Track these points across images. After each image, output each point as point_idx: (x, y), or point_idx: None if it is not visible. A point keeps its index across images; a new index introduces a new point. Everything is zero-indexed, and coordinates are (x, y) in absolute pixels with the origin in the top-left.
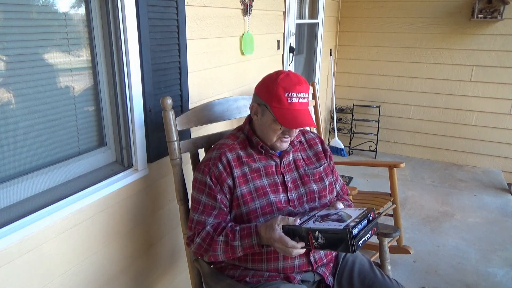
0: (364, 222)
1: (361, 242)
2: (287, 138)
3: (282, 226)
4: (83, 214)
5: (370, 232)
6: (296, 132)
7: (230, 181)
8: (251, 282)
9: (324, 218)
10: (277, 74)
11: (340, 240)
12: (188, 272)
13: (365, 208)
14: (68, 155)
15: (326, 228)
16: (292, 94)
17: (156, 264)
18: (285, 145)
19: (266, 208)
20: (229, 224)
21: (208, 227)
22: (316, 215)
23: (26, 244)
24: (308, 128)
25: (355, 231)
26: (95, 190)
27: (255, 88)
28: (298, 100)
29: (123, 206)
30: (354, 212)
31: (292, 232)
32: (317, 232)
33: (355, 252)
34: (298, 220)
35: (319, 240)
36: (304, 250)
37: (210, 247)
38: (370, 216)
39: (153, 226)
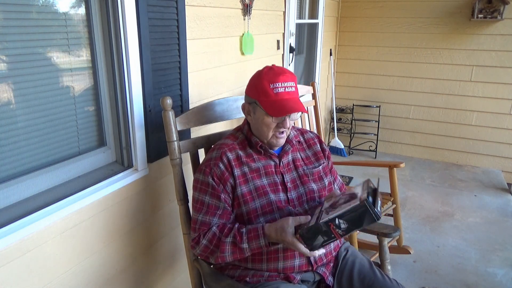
0: (371, 192)
1: (379, 207)
2: (282, 132)
3: (300, 229)
4: (83, 214)
5: (379, 199)
6: (289, 123)
7: (232, 180)
8: (251, 282)
9: (333, 207)
10: (261, 70)
11: (362, 215)
12: (188, 272)
13: (362, 182)
14: (68, 155)
15: (344, 211)
16: (277, 85)
17: (156, 264)
18: (281, 141)
19: (266, 208)
20: (236, 226)
21: (214, 227)
22: (323, 209)
23: (26, 244)
24: (308, 128)
25: (370, 199)
26: (95, 190)
27: (245, 89)
28: (284, 89)
29: (123, 206)
30: (356, 189)
31: (312, 231)
32: (336, 219)
33: (380, 219)
34: (310, 217)
35: (342, 226)
36: (323, 250)
37: (218, 249)
38: (371, 185)
39: (153, 226)
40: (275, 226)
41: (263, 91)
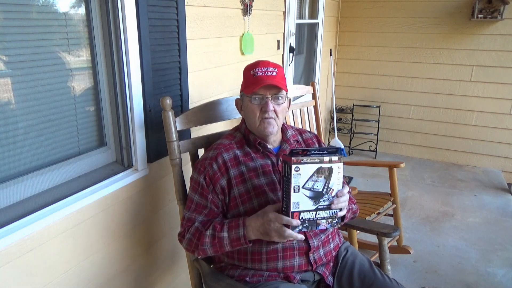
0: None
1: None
2: (269, 116)
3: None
4: (83, 214)
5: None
6: (272, 106)
7: (223, 182)
8: (250, 281)
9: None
10: None
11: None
12: (188, 272)
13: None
14: (68, 155)
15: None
16: (257, 69)
17: (156, 264)
18: (271, 128)
19: (264, 207)
20: (217, 219)
21: (196, 223)
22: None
23: (26, 244)
24: (308, 128)
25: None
26: (95, 190)
27: None
28: (264, 73)
29: (123, 206)
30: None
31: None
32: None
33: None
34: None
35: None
36: (301, 236)
37: (199, 241)
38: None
39: (153, 226)
40: (255, 219)
41: (246, 80)
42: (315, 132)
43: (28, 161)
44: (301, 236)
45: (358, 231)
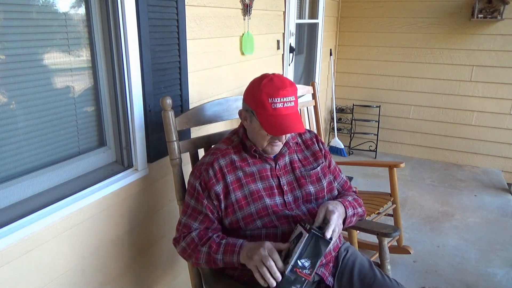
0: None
1: (330, 231)
2: (278, 143)
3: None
4: (83, 214)
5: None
6: (285, 137)
7: (218, 188)
8: (250, 281)
9: (287, 256)
10: (261, 79)
11: (316, 243)
12: (188, 272)
13: (296, 226)
14: (68, 155)
15: (300, 250)
16: (276, 100)
17: (156, 264)
18: (276, 149)
19: (262, 212)
20: (215, 235)
21: (193, 233)
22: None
23: (26, 244)
24: (308, 128)
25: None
26: (95, 190)
27: (243, 94)
28: (283, 104)
29: (123, 206)
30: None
31: (286, 284)
32: (298, 261)
33: (331, 239)
34: (289, 245)
35: (306, 264)
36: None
37: (194, 254)
38: (306, 225)
39: (153, 226)
40: (251, 245)
41: (261, 103)
42: (315, 132)
43: (28, 161)
44: (263, 283)
45: (358, 231)
